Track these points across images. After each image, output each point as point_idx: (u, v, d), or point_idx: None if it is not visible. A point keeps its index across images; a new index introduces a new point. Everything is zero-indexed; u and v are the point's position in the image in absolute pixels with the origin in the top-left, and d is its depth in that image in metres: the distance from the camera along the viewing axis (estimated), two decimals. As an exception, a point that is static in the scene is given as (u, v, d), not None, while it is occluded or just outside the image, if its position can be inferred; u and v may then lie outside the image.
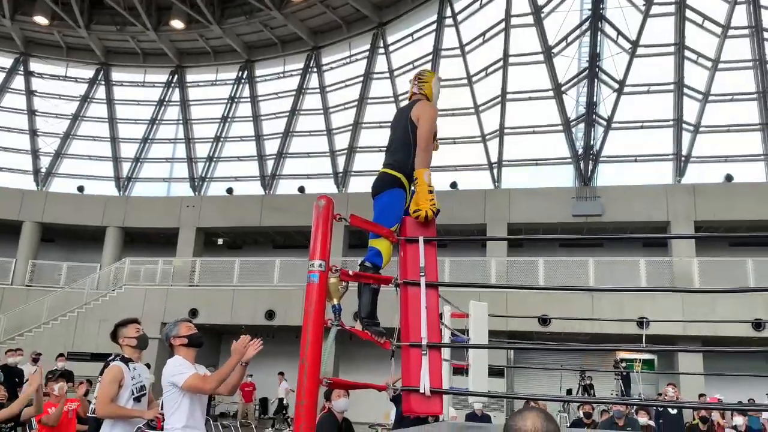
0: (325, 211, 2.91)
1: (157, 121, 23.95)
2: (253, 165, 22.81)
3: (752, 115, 19.03)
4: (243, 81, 23.40)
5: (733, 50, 19.09)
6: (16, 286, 20.68)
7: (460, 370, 6.01)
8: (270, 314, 17.99)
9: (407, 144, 3.60)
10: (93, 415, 5.17)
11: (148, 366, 4.94)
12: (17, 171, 23.32)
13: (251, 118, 23.06)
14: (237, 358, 3.80)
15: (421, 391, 3.00)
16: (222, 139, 23.35)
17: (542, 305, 15.38)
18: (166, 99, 23.99)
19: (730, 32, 19.00)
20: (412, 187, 3.50)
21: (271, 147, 22.77)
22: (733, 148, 19.06)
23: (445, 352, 6.32)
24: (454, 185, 20.24)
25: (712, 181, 18.51)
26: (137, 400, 4.10)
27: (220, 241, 23.17)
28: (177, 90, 23.87)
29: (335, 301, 3.02)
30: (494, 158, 20.39)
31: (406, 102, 4.17)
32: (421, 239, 3.30)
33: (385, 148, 3.87)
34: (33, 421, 6.14)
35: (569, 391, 15.72)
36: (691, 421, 9.64)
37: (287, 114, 22.57)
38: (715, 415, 9.73)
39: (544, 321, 15.18)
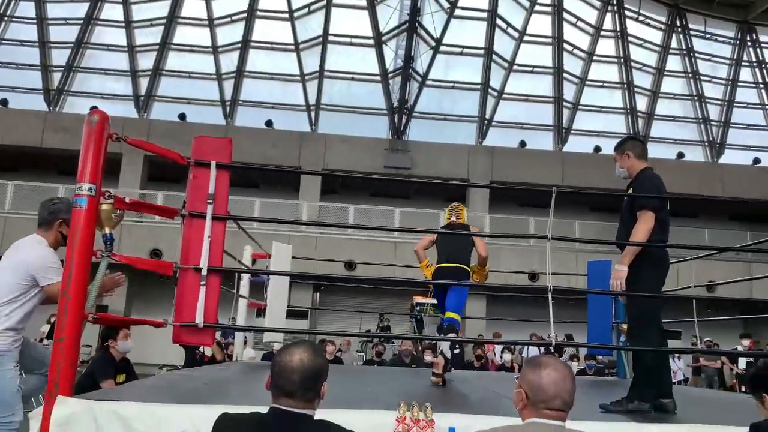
0: (98, 128, 2.66)
1: None
2: (36, 76, 19.62)
3: (547, 89, 21.01)
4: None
5: (538, 25, 20.71)
6: None
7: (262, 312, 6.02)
8: (49, 248, 15.88)
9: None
10: None
11: None
12: None
13: (34, 20, 19.65)
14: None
15: (197, 322, 2.91)
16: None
17: (350, 251, 15.64)
18: None
19: (537, 7, 20.54)
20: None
21: (60, 57, 19.73)
22: (528, 117, 20.95)
23: (244, 291, 6.06)
24: (269, 123, 19.47)
25: (508, 146, 20.19)
26: None
27: (-13, 162, 19.74)
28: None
29: (107, 230, 2.81)
30: (312, 100, 19.97)
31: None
32: (213, 164, 2.91)
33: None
34: None
35: (368, 332, 16.40)
36: (468, 359, 10.57)
37: (80, 21, 19.60)
38: (490, 354, 10.88)
39: (350, 266, 15.47)
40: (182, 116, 19.18)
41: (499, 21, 20.17)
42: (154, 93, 19.79)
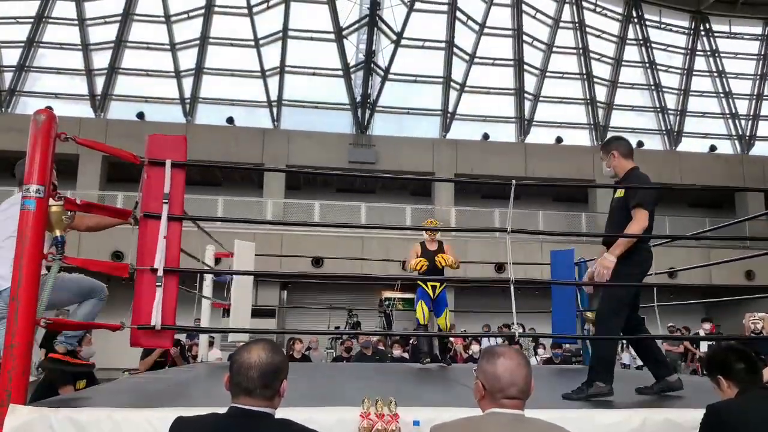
0: (45, 128, 2.57)
1: None
2: (-15, 76, 18.97)
3: (508, 81, 21.21)
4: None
5: (498, 17, 20.88)
6: None
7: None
8: None
9: None
10: None
11: None
12: None
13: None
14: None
15: (153, 324, 2.85)
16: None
17: (316, 247, 15.56)
18: None
19: (496, 0, 20.70)
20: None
21: (11, 57, 19.09)
22: (490, 109, 21.12)
23: (207, 291, 5.96)
24: (230, 120, 19.20)
25: (471, 138, 20.34)
26: None
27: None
28: None
29: (58, 233, 2.73)
30: (274, 96, 19.77)
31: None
32: (168, 162, 2.85)
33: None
34: None
35: (337, 329, 16.32)
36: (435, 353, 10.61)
37: (31, 20, 18.99)
38: (458, 346, 10.97)
39: (317, 262, 15.40)
40: (141, 115, 18.76)
41: (459, 14, 20.28)
42: (110, 92, 19.31)
